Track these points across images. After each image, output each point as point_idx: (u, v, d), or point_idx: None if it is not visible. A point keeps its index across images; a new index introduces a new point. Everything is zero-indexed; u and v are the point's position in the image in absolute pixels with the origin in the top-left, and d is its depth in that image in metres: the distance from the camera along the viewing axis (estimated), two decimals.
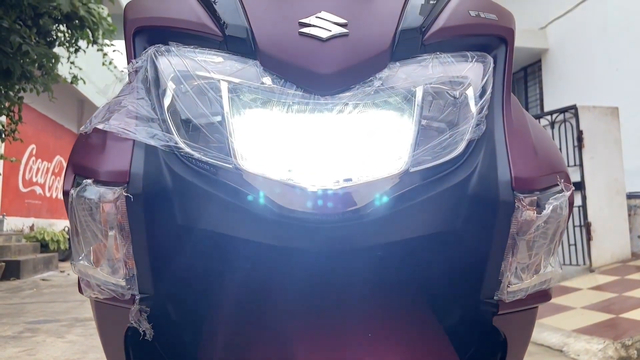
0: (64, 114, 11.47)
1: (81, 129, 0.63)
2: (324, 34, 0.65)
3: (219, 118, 0.63)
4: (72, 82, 6.65)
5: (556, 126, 5.10)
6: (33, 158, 10.48)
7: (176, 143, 0.63)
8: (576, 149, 4.94)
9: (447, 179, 0.66)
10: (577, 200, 4.92)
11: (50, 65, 5.06)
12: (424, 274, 0.77)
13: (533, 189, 0.67)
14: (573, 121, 4.98)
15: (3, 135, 5.76)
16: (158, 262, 0.65)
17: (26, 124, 7.64)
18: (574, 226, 4.92)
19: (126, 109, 0.62)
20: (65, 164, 12.06)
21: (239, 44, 0.66)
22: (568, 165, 4.96)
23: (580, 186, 4.88)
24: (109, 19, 6.24)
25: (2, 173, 8.14)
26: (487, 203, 0.66)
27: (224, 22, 0.68)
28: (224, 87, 0.64)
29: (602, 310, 3.62)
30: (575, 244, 4.90)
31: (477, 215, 0.67)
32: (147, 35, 0.70)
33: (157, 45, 0.68)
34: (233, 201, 0.62)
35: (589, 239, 4.81)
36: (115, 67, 7.81)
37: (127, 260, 0.62)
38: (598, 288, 4.18)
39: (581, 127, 4.92)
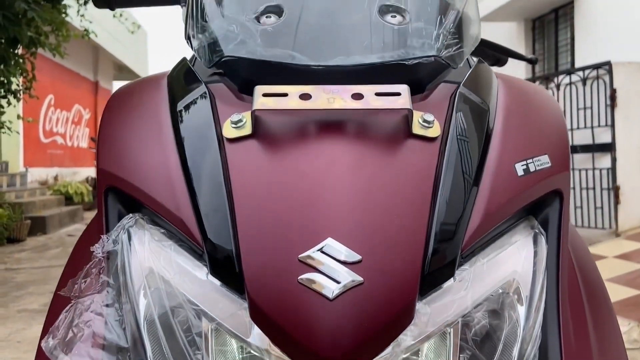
0: (79, 62, 11.32)
1: (42, 343, 0.54)
2: (330, 287, 0.49)
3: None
4: (83, 37, 6.52)
5: (588, 83, 4.82)
6: (52, 108, 10.47)
7: None
8: (608, 108, 4.69)
9: None
10: (607, 163, 4.73)
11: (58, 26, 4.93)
12: None
13: None
14: (606, 78, 4.69)
15: (19, 95, 5.72)
16: None
17: (42, 74, 7.57)
18: (601, 189, 4.76)
19: (91, 331, 0.52)
20: (83, 112, 12.08)
21: (224, 273, 0.54)
22: (599, 125, 4.74)
23: (610, 148, 4.68)
24: None
25: (20, 132, 8.13)
26: None
27: (207, 236, 0.55)
28: (205, 326, 0.53)
29: (628, 284, 3.53)
30: (602, 207, 4.76)
31: None
32: (119, 195, 0.60)
33: (130, 223, 0.58)
34: None
35: (616, 202, 4.66)
36: (126, 19, 7.60)
37: None
38: (624, 257, 4.08)
39: (615, 85, 4.64)
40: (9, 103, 5.55)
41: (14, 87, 5.49)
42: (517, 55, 1.20)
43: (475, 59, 0.79)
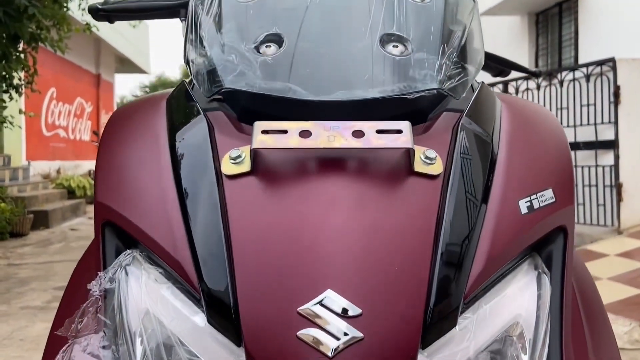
0: (81, 55, 11.30)
1: None
2: (330, 344, 0.49)
3: None
4: (85, 31, 6.49)
5: (592, 79, 4.79)
6: (54, 102, 10.46)
7: None
8: (612, 105, 4.67)
9: None
10: (609, 160, 4.71)
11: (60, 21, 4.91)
12: None
13: None
14: (610, 74, 4.66)
15: (20, 90, 5.72)
16: None
17: (44, 67, 7.55)
18: (604, 186, 4.74)
19: None
20: (85, 105, 12.06)
21: (221, 322, 0.53)
22: (602, 122, 4.72)
23: (613, 145, 4.66)
24: None
25: (22, 125, 8.12)
26: None
27: (204, 281, 0.54)
28: None
29: (630, 283, 3.52)
30: (604, 204, 4.74)
31: None
32: (116, 229, 0.59)
33: (127, 261, 0.57)
34: None
35: (619, 200, 4.64)
36: None
37: None
38: (626, 255, 4.06)
39: (619, 82, 4.61)
40: (10, 98, 5.54)
41: (15, 81, 5.48)
42: (520, 68, 1.18)
43: (478, 81, 0.78)
